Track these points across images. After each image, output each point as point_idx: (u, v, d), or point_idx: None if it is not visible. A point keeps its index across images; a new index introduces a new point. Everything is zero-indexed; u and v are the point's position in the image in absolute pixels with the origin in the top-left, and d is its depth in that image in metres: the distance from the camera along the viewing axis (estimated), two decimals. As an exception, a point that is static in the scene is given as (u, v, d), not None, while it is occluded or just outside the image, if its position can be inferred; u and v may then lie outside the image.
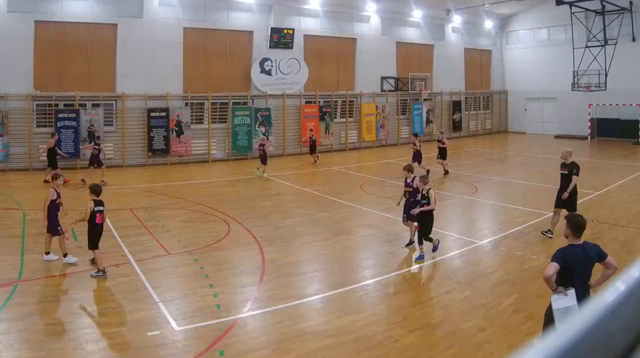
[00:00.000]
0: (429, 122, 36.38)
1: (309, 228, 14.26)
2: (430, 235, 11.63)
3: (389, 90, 34.72)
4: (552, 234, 12.75)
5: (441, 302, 9.37)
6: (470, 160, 27.60)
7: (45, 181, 18.89)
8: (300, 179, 22.76)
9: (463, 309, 8.92)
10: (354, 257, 12.22)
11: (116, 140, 25.16)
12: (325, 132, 31.14)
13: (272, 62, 29.52)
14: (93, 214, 10.34)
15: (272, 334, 8.08)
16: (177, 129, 26.31)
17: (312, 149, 26.94)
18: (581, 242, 6.39)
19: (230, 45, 28.65)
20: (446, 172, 22.42)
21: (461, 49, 39.47)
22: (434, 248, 11.69)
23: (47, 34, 23.87)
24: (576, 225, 6.39)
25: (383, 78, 34.43)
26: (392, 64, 35.04)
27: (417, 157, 21.52)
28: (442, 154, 22.60)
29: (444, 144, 22.59)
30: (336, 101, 32.32)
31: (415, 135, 24.82)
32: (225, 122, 28.11)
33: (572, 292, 6.12)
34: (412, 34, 36.42)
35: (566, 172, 12.72)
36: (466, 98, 39.59)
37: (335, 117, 32.03)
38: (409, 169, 12.66)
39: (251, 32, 29.12)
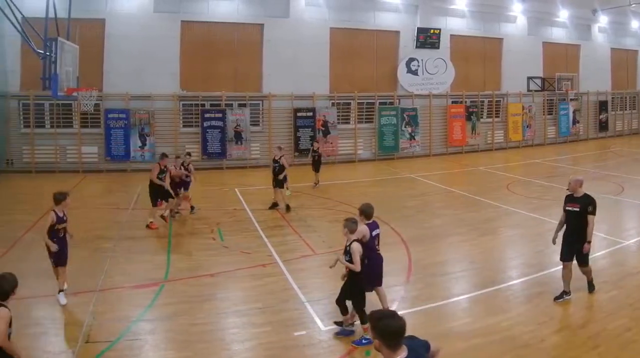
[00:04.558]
0: (575, 122, 26.65)
1: (454, 228, 10.81)
2: (360, 309, 5.80)
3: (535, 90, 25.26)
4: (568, 295, 6.85)
5: (587, 302, 6.73)
6: (617, 160, 20.79)
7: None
8: (447, 179, 17.12)
9: (609, 309, 6.47)
10: (500, 257, 9.06)
11: (262, 140, 18.56)
12: (472, 132, 22.87)
13: (418, 62, 21.55)
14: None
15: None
16: (323, 128, 19.32)
17: (317, 165, 15.13)
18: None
19: (376, 45, 20.96)
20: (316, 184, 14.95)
21: (607, 49, 28.48)
22: (348, 332, 5.97)
23: (192, 34, 17.84)
24: (390, 332, 2.70)
25: (529, 78, 25.01)
26: (538, 64, 25.34)
27: (281, 179, 12.29)
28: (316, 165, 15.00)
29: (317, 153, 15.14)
30: (482, 101, 23.62)
31: (279, 148, 12.94)
32: (372, 122, 20.60)
33: None
34: (558, 34, 26.42)
35: (577, 209, 6.75)
36: (612, 98, 28.81)
37: (482, 117, 23.42)
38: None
39: (397, 32, 21.34)
